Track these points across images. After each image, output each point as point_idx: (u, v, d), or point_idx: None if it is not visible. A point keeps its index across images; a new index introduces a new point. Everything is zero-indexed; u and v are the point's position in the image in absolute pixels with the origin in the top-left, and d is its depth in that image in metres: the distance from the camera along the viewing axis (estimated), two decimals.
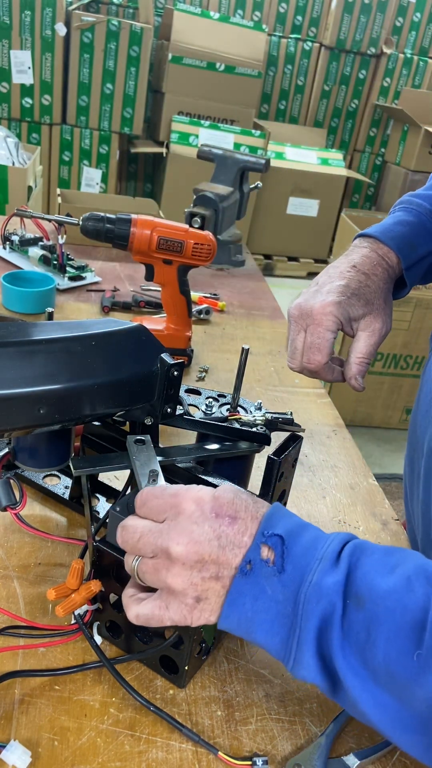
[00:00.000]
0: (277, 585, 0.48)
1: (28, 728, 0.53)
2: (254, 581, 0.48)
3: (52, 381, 0.56)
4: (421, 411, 0.81)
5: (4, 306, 1.21)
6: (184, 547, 0.48)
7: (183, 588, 0.49)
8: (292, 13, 4.09)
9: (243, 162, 1.57)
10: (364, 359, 0.76)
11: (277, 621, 0.48)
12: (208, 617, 0.50)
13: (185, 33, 3.63)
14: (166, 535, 0.49)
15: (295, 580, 0.47)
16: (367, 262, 0.77)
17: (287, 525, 0.50)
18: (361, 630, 0.45)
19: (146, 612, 0.50)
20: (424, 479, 0.77)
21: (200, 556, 0.48)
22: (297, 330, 0.76)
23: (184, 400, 0.73)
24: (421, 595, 0.44)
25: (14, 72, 3.39)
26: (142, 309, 1.30)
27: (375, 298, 0.76)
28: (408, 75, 4.26)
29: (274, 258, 4.12)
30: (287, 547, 0.48)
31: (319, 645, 0.46)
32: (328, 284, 0.76)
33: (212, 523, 0.49)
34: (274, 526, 0.49)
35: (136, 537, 0.51)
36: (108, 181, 3.74)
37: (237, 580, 0.48)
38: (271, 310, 1.44)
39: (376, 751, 0.55)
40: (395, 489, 2.28)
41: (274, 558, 0.48)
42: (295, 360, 0.77)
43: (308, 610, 0.46)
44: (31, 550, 0.70)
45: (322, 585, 0.46)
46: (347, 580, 0.46)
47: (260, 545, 0.49)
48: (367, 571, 0.47)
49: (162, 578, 0.49)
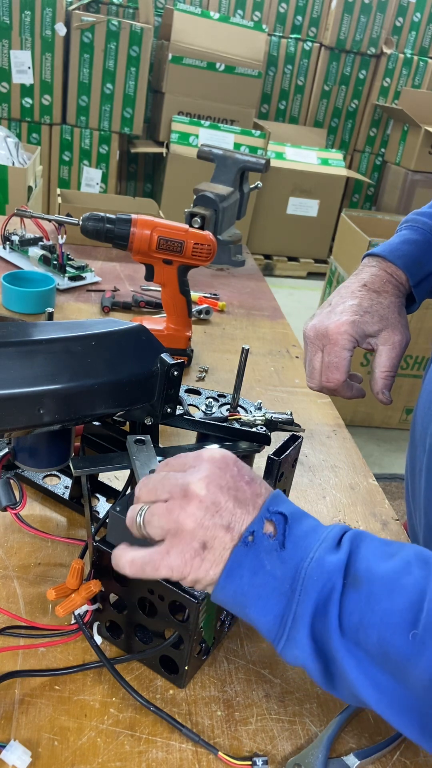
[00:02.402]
0: (276, 561, 0.48)
1: (28, 728, 0.53)
2: (255, 554, 0.48)
3: (52, 381, 0.56)
4: (423, 406, 0.81)
5: (4, 306, 1.21)
6: (205, 487, 0.49)
7: (193, 527, 0.48)
8: (292, 13, 4.09)
9: (243, 162, 1.57)
10: (389, 372, 0.78)
11: (273, 597, 0.48)
12: (208, 570, 0.48)
13: (185, 33, 3.63)
14: (190, 475, 0.50)
15: (294, 558, 0.48)
16: (377, 280, 0.80)
17: (290, 508, 0.51)
18: (355, 611, 0.45)
19: (143, 555, 0.49)
20: (426, 474, 0.77)
21: (217, 500, 0.49)
22: (314, 351, 0.79)
23: (184, 400, 0.73)
24: (419, 577, 0.45)
25: (14, 72, 3.39)
26: (142, 309, 1.30)
27: (389, 313, 0.78)
28: (408, 75, 4.26)
29: (274, 258, 4.12)
30: (289, 525, 0.49)
31: (314, 624, 0.47)
32: (341, 304, 0.78)
33: (234, 475, 0.51)
34: (279, 505, 0.50)
35: (159, 478, 0.51)
36: (108, 181, 3.74)
37: (237, 550, 0.48)
38: (271, 310, 1.44)
39: (376, 751, 0.55)
40: (395, 489, 2.28)
41: (275, 533, 0.49)
42: (314, 380, 0.80)
43: (307, 587, 0.46)
44: (31, 550, 0.70)
45: (325, 562, 0.47)
46: (348, 561, 0.47)
47: (264, 519, 0.49)
48: (366, 555, 0.47)
49: (174, 516, 0.49)
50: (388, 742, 0.56)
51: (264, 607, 0.48)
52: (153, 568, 0.49)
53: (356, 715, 0.59)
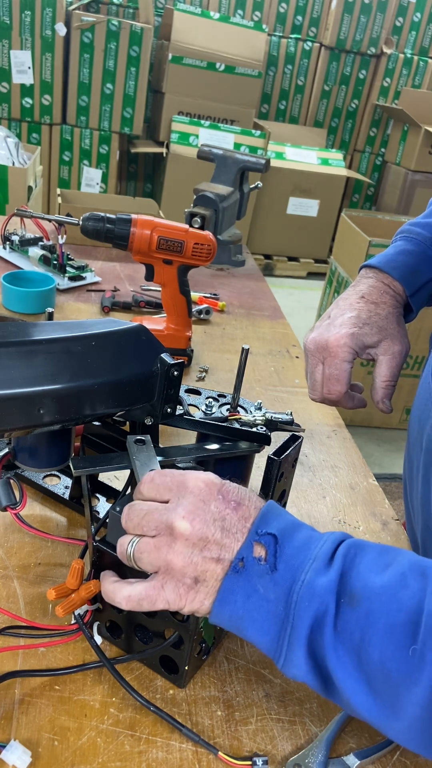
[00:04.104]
0: (269, 584, 0.48)
1: (28, 728, 0.53)
2: (246, 579, 0.48)
3: (52, 381, 0.56)
4: (420, 405, 0.81)
5: (4, 306, 1.21)
6: (190, 524, 0.49)
7: (183, 565, 0.49)
8: (292, 13, 4.09)
9: (243, 162, 1.57)
10: (390, 382, 0.79)
11: (268, 620, 0.48)
12: (203, 601, 0.49)
13: (185, 33, 3.63)
14: (173, 511, 0.50)
15: (287, 579, 0.47)
16: (374, 291, 0.82)
17: (281, 524, 0.50)
18: (356, 629, 0.45)
19: (139, 591, 0.50)
20: (423, 472, 0.77)
21: (204, 535, 0.49)
22: (315, 363, 0.80)
23: (184, 400, 0.73)
24: (416, 590, 0.44)
25: (14, 72, 3.39)
26: (142, 309, 1.30)
27: (387, 323, 0.80)
28: (408, 75, 4.26)
29: (274, 258, 4.12)
30: (280, 545, 0.48)
31: (311, 645, 0.46)
32: (340, 317, 0.80)
33: (219, 504, 0.50)
34: (268, 524, 0.50)
35: (142, 514, 0.51)
36: (108, 181, 3.74)
37: (228, 578, 0.48)
38: (271, 310, 1.44)
39: (376, 751, 0.55)
40: (395, 489, 2.28)
41: (266, 556, 0.48)
42: (316, 392, 0.81)
43: (300, 610, 0.46)
44: (31, 550, 0.70)
45: (315, 585, 0.46)
46: (341, 580, 0.46)
47: (253, 543, 0.49)
48: (362, 570, 0.47)
49: (163, 555, 0.49)
50: (388, 742, 0.56)
51: (260, 629, 0.48)
52: (150, 603, 0.50)
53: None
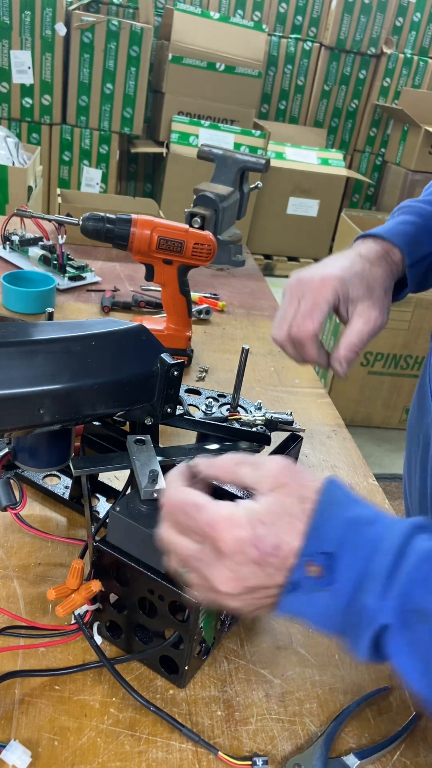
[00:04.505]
0: (326, 596, 0.46)
1: (28, 728, 0.53)
2: (302, 591, 0.46)
3: (52, 381, 0.56)
4: (420, 401, 0.81)
5: (4, 306, 1.21)
6: (231, 586, 0.47)
7: (238, 608, 0.49)
8: (292, 13, 4.09)
9: (243, 162, 1.57)
10: (355, 347, 0.72)
11: (331, 621, 0.46)
12: (267, 611, 0.49)
13: (185, 33, 3.63)
14: (213, 569, 0.48)
15: (346, 592, 0.45)
16: (372, 253, 0.77)
17: (338, 531, 0.46)
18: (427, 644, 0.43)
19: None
20: (421, 469, 0.77)
21: (247, 588, 0.47)
22: (291, 299, 0.72)
23: (184, 400, 0.73)
24: None
25: (14, 72, 3.39)
26: (142, 309, 1.30)
27: (377, 286, 0.74)
28: (408, 75, 4.26)
29: (274, 258, 4.12)
30: (336, 559, 0.45)
31: (376, 648, 0.45)
32: (331, 264, 0.74)
33: (256, 558, 0.47)
34: (323, 538, 0.46)
35: (183, 556, 0.50)
36: (108, 181, 3.74)
37: (284, 597, 0.47)
38: (271, 310, 1.43)
39: (376, 751, 0.55)
40: (395, 489, 2.28)
41: (321, 572, 0.46)
42: (281, 329, 0.72)
43: (361, 628, 0.45)
44: (31, 550, 0.70)
45: (368, 607, 0.44)
46: (403, 600, 0.43)
47: (305, 565, 0.46)
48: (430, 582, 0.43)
49: (214, 600, 0.49)
50: (388, 742, 0.56)
51: (323, 626, 0.47)
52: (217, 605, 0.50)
53: (356, 715, 0.59)
